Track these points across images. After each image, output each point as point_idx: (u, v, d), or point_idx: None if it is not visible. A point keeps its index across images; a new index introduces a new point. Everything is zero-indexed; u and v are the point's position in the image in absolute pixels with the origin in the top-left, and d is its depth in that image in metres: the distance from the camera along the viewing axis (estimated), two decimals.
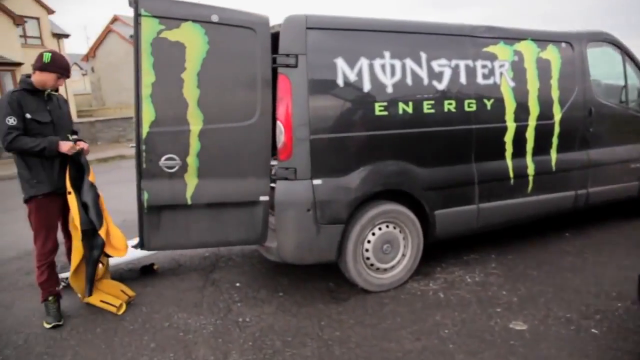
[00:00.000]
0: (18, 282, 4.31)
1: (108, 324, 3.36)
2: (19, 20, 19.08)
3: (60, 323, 3.37)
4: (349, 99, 3.50)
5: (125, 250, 3.52)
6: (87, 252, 3.37)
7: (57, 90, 3.41)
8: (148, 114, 3.00)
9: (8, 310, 3.71)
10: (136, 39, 2.96)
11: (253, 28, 3.20)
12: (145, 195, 3.10)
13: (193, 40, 3.06)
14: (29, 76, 3.30)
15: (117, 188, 7.22)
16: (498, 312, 3.32)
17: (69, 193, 3.28)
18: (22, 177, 3.29)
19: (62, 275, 3.82)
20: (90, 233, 3.34)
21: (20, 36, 20.10)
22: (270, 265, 4.27)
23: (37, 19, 22.11)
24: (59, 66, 3.27)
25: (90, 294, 3.45)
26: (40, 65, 3.22)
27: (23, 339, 3.24)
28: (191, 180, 3.16)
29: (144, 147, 3.02)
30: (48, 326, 3.33)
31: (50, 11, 22.78)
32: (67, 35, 23.81)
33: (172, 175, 3.11)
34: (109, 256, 3.60)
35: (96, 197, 3.39)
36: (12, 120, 3.09)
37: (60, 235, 3.50)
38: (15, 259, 4.98)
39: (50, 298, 3.40)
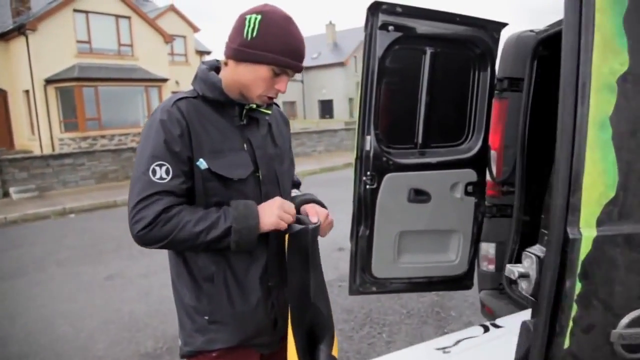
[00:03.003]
0: None
1: None
2: (168, 39, 19.45)
3: None
4: None
5: None
6: None
7: (271, 103, 1.51)
8: (603, 171, 0.92)
9: None
10: None
11: None
12: None
13: None
14: (217, 69, 1.46)
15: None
16: None
17: None
18: (180, 303, 1.46)
19: None
20: None
21: (168, 54, 20.49)
22: None
23: (184, 37, 22.63)
24: (279, 48, 1.31)
25: None
26: (236, 47, 1.33)
27: None
28: None
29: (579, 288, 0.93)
30: None
31: (195, 29, 23.26)
32: (209, 52, 24.12)
33: None
34: None
35: None
36: (161, 172, 1.28)
37: None
38: None
39: None
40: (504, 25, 2.66)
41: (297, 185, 1.74)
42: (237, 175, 1.35)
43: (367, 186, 2.60)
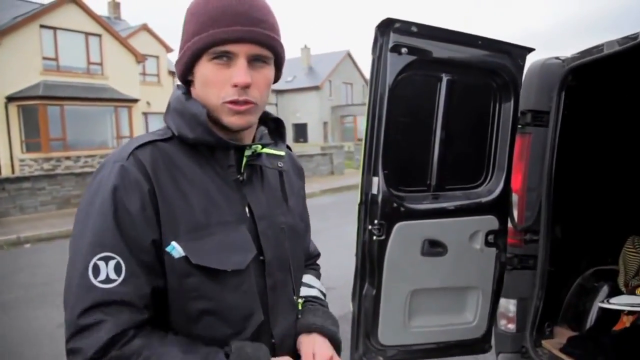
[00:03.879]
0: None
1: None
2: (140, 58, 18.94)
3: None
4: None
5: None
6: None
7: (279, 133, 1.06)
8: None
9: None
10: None
11: None
12: None
13: None
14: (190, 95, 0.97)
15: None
16: None
17: None
18: None
19: None
20: None
21: (140, 74, 19.91)
22: None
23: (157, 57, 22.13)
24: (200, 24, 0.87)
25: None
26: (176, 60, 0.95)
27: None
28: None
29: None
30: None
31: (169, 49, 22.79)
32: None
33: None
34: None
35: None
36: (108, 269, 0.81)
37: None
38: None
39: None
40: (530, 50, 2.32)
41: (313, 257, 1.28)
42: (232, 264, 0.89)
43: (375, 237, 2.16)
